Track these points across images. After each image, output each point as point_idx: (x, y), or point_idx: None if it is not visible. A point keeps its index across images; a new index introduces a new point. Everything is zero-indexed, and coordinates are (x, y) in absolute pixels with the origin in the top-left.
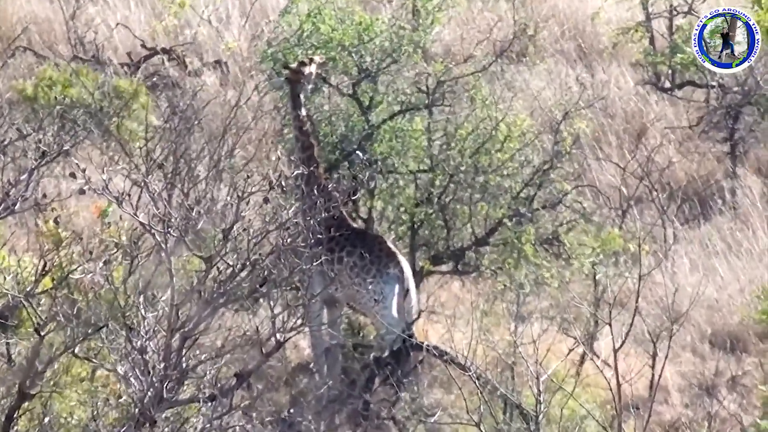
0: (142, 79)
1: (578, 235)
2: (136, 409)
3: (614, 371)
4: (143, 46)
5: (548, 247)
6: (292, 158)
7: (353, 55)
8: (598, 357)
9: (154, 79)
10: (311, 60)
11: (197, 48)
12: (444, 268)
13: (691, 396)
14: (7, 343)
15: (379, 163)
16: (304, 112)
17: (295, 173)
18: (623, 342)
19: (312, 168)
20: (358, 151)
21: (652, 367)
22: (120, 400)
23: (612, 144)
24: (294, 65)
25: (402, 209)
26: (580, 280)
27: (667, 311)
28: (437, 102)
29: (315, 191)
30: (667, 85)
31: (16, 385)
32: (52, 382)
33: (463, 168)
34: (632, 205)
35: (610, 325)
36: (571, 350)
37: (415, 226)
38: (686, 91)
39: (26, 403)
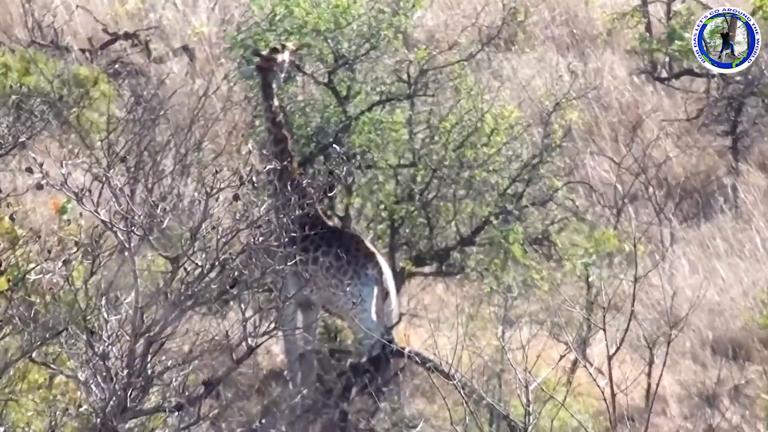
0: (104, 66)
1: (570, 235)
2: (98, 419)
3: (608, 379)
4: (105, 30)
5: (538, 248)
6: (264, 152)
7: (329, 41)
8: (591, 364)
9: (117, 66)
10: (284, 46)
11: (162, 33)
12: (427, 269)
13: (691, 406)
14: None
15: (358, 157)
16: (276, 102)
17: (267, 168)
18: (618, 348)
19: (285, 162)
20: (334, 145)
21: (649, 375)
22: (80, 409)
23: (606, 137)
24: (265, 52)
25: (381, 206)
26: (572, 282)
27: (665, 316)
28: (419, 92)
29: (288, 187)
30: (665, 74)
31: None
32: (7, 390)
33: (446, 163)
34: (627, 203)
35: (604, 330)
36: (562, 357)
37: (396, 224)
38: (685, 80)
39: None
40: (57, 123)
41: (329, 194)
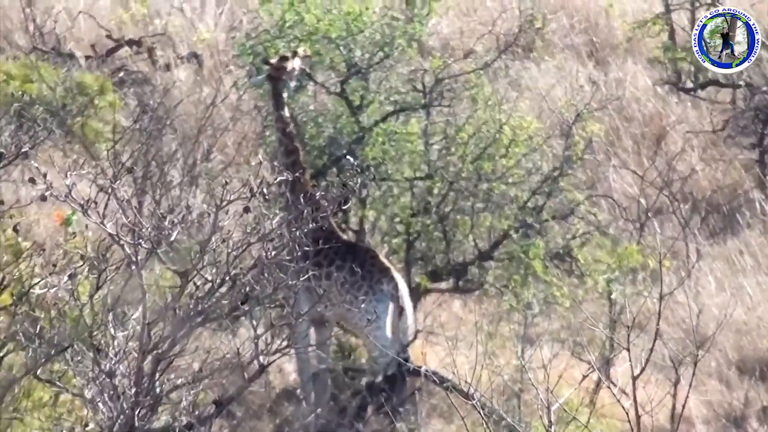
0: (109, 73)
1: (592, 250)
2: None
3: (632, 400)
4: (109, 37)
5: (559, 263)
6: (275, 163)
7: (341, 48)
8: (614, 385)
9: (122, 74)
10: (295, 53)
11: (168, 40)
12: (443, 285)
13: (718, 428)
14: None
15: (372, 169)
16: (287, 112)
17: (278, 179)
18: (643, 369)
19: (297, 174)
20: (348, 156)
21: (674, 396)
22: (87, 429)
23: (628, 150)
24: (275, 60)
25: (397, 220)
26: (594, 299)
27: (691, 335)
28: (435, 102)
29: (301, 200)
30: (689, 84)
31: None
32: (11, 408)
33: (464, 175)
34: (651, 218)
35: (627, 349)
36: (584, 377)
37: (411, 238)
38: (710, 91)
39: None
40: (60, 132)
41: (343, 207)
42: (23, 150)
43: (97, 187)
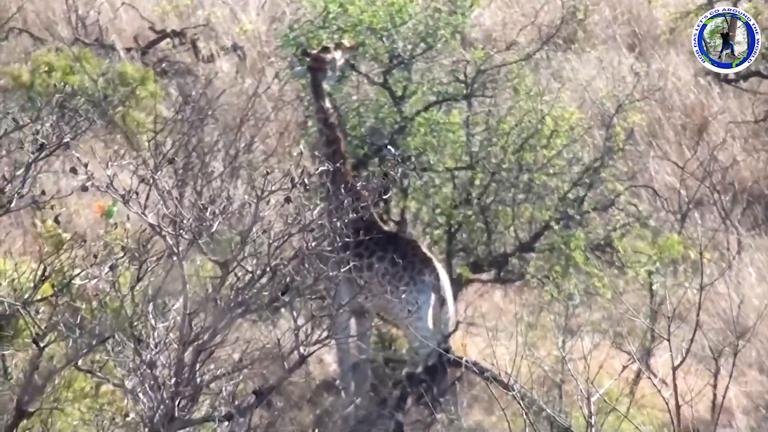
0: (151, 64)
1: (633, 241)
2: (146, 429)
3: (673, 391)
4: (151, 28)
5: (600, 254)
6: (316, 153)
7: (384, 39)
8: (654, 375)
9: (164, 64)
10: (338, 45)
11: (210, 31)
12: (485, 275)
13: (758, 419)
14: (3, 356)
15: (413, 159)
16: (328, 102)
17: (319, 170)
18: (683, 359)
19: (338, 164)
20: (389, 146)
21: (715, 386)
22: (127, 419)
23: (670, 140)
24: (315, 51)
25: (438, 210)
26: (635, 290)
27: (731, 325)
28: (477, 93)
29: (342, 190)
30: (731, 75)
31: (14, 402)
32: (52, 398)
33: (505, 165)
34: (692, 209)
35: (668, 340)
36: (625, 367)
37: (453, 229)
38: (752, 82)
39: (24, 422)
40: (102, 123)
41: (384, 197)
42: (64, 141)
43: (138, 178)
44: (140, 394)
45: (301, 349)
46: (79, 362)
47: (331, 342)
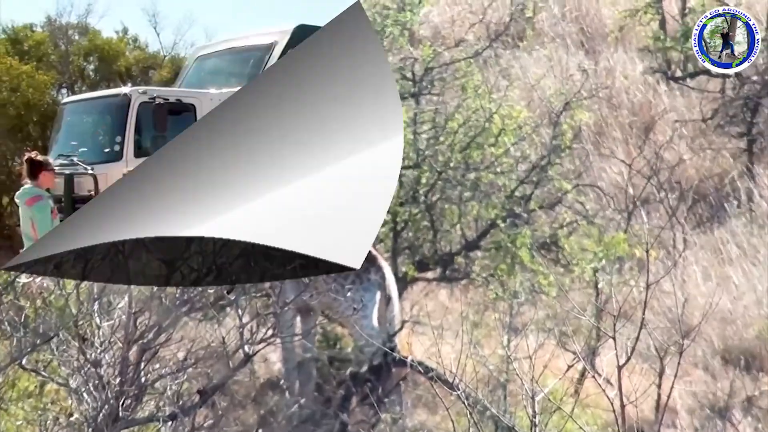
0: None
1: (579, 239)
2: (89, 428)
3: (618, 390)
4: None
5: (546, 252)
6: None
7: None
8: (599, 374)
9: None
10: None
11: None
12: (430, 274)
13: (702, 418)
14: None
15: None
16: None
17: None
18: (628, 358)
19: None
20: None
21: (659, 386)
22: (71, 418)
23: (617, 139)
24: None
25: None
26: (580, 288)
27: (677, 324)
28: (424, 90)
29: None
30: (679, 73)
31: None
32: None
33: (452, 164)
34: (638, 207)
35: (613, 338)
36: (570, 366)
37: (399, 227)
38: (700, 80)
39: None
40: None
41: None
42: None
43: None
44: (84, 394)
45: (246, 347)
46: (23, 361)
47: (277, 340)
